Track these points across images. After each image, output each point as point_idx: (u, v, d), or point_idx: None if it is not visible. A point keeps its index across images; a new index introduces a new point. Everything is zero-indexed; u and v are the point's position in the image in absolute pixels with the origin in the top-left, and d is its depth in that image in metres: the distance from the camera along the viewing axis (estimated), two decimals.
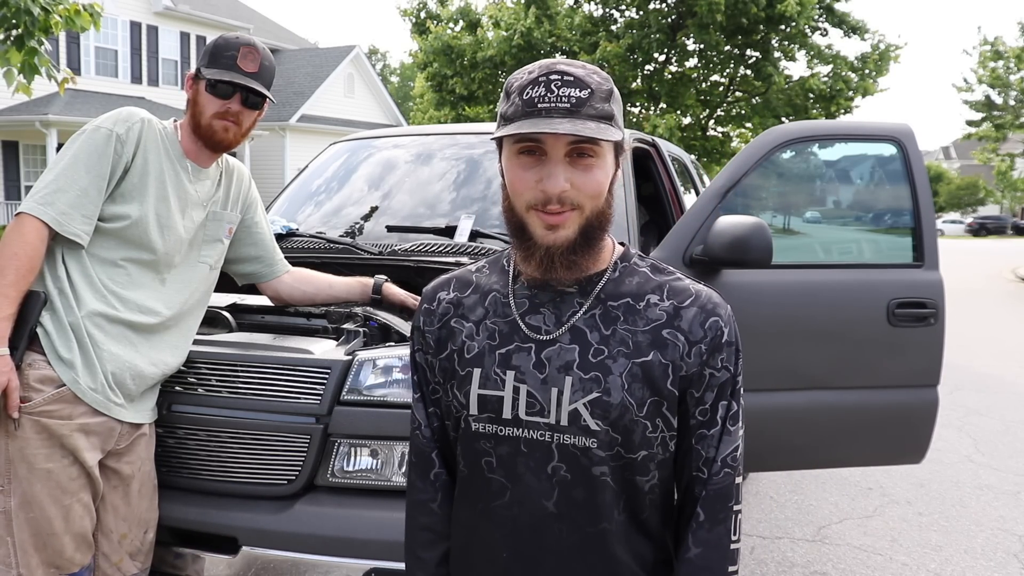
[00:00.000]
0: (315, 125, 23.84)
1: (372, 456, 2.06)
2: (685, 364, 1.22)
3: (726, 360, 1.24)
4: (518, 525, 1.25)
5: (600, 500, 1.23)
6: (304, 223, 3.29)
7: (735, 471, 1.25)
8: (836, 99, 17.26)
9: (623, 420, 1.20)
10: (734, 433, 1.26)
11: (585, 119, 1.14)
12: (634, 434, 1.21)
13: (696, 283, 1.28)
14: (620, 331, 1.23)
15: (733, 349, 1.25)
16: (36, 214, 1.91)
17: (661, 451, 1.25)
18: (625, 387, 1.21)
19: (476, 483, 1.28)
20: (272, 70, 2.16)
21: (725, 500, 1.24)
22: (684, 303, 1.24)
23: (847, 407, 3.01)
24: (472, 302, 1.32)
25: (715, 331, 1.23)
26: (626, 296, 1.26)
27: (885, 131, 3.13)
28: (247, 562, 2.02)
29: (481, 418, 1.25)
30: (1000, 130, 25.14)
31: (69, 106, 17.94)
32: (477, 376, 1.26)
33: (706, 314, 1.24)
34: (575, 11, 18.05)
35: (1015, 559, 3.76)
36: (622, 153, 1.25)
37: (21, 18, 5.34)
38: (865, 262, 3.29)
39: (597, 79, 1.18)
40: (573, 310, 1.25)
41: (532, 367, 1.23)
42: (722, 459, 1.24)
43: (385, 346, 2.19)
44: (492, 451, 1.25)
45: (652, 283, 1.27)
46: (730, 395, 1.25)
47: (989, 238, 47.06)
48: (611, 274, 1.28)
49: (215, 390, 2.14)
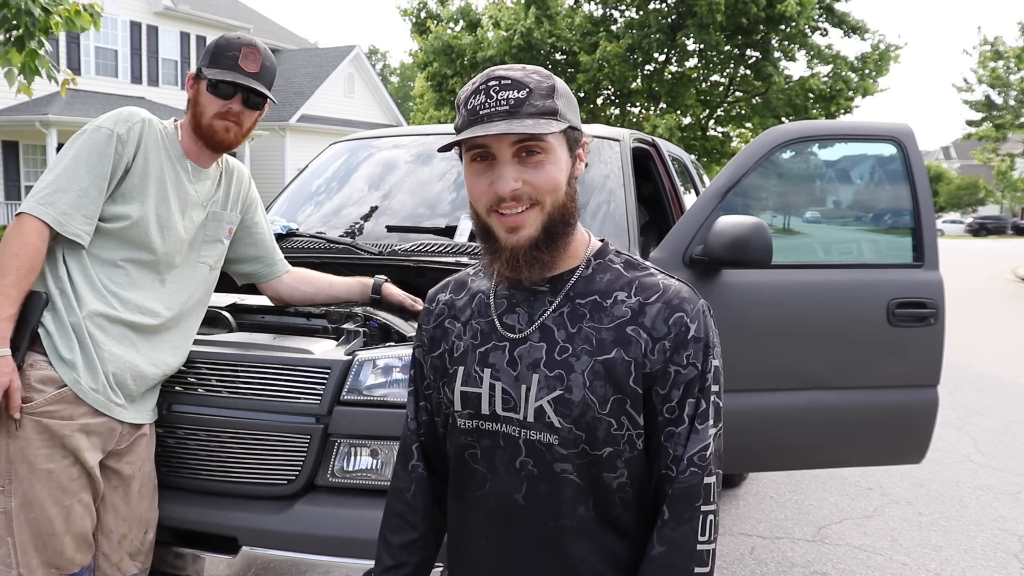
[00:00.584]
0: (315, 125, 23.84)
1: (372, 456, 2.06)
2: (648, 361, 1.22)
3: (692, 357, 1.22)
4: (493, 515, 1.30)
5: (561, 496, 1.25)
6: (304, 223, 3.29)
7: (703, 470, 1.22)
8: (836, 99, 17.25)
9: (585, 418, 1.22)
10: (702, 432, 1.23)
11: (524, 118, 1.19)
12: (597, 431, 1.23)
13: (668, 278, 1.27)
14: (585, 329, 1.25)
15: (701, 345, 1.23)
16: (37, 214, 1.91)
17: (628, 449, 1.24)
18: (587, 384, 1.22)
19: (463, 474, 1.34)
20: (273, 70, 2.16)
21: (691, 499, 1.21)
22: (649, 299, 1.24)
23: (847, 407, 3.01)
24: (463, 303, 1.38)
25: (679, 327, 1.22)
26: (594, 294, 1.27)
27: (885, 131, 3.13)
28: (247, 562, 2.02)
29: (463, 414, 1.32)
30: (1000, 130, 25.14)
31: (69, 106, 17.94)
32: (460, 374, 1.32)
33: (671, 310, 1.23)
34: (575, 11, 18.05)
35: (1015, 559, 3.76)
36: (580, 145, 1.28)
37: (22, 19, 5.34)
38: (865, 262, 3.30)
39: (536, 78, 1.22)
40: (544, 308, 1.28)
41: (506, 365, 1.28)
42: (688, 457, 1.22)
43: (385, 346, 2.20)
44: (476, 444, 1.31)
45: (622, 280, 1.28)
46: (698, 392, 1.23)
47: (989, 238, 47.06)
48: (583, 271, 1.29)
49: (215, 390, 2.14)
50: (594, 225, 2.90)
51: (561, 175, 1.23)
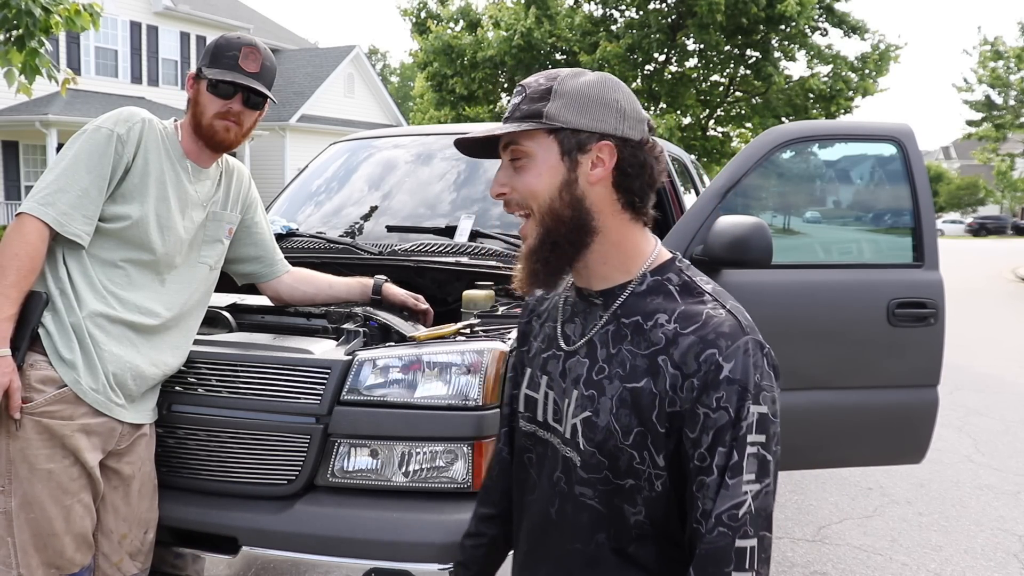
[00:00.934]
0: (315, 125, 23.83)
1: (372, 456, 2.06)
2: (678, 398, 1.10)
3: (724, 400, 1.07)
4: (532, 525, 1.29)
5: (578, 520, 1.20)
6: (304, 223, 3.29)
7: (735, 531, 1.06)
8: (836, 99, 17.27)
9: (607, 444, 1.15)
10: (734, 488, 1.06)
11: (511, 122, 1.18)
12: (619, 461, 1.15)
13: (718, 308, 1.14)
14: (623, 351, 1.16)
15: (735, 388, 1.07)
16: (37, 214, 1.91)
17: (647, 487, 1.14)
18: (613, 411, 1.15)
19: (521, 476, 1.34)
20: (273, 70, 2.16)
21: (719, 564, 1.06)
22: (686, 329, 1.11)
23: (847, 407, 3.01)
24: (545, 305, 1.36)
25: (709, 365, 1.08)
26: (639, 314, 1.17)
27: (885, 131, 3.13)
28: (247, 562, 2.02)
29: (524, 416, 1.31)
30: (1000, 130, 25.13)
31: (69, 106, 17.94)
32: (528, 376, 1.32)
33: (703, 345, 1.09)
34: (575, 11, 18.06)
35: (1015, 559, 3.76)
36: (584, 150, 1.15)
37: (22, 19, 5.34)
38: (865, 262, 3.30)
39: (538, 81, 1.19)
40: (595, 323, 1.21)
41: (558, 375, 1.25)
42: (717, 515, 1.07)
43: (385, 346, 2.20)
44: (532, 449, 1.30)
45: (671, 303, 1.16)
46: (731, 442, 1.07)
47: (989, 238, 47.05)
48: (635, 287, 1.19)
49: (215, 390, 2.14)
50: None
51: (540, 181, 1.16)
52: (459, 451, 2.00)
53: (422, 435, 2.01)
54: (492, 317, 2.37)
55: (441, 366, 2.04)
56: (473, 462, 1.99)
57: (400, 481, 2.04)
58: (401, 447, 2.03)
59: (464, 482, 2.00)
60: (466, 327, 2.22)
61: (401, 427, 2.02)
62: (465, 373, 2.02)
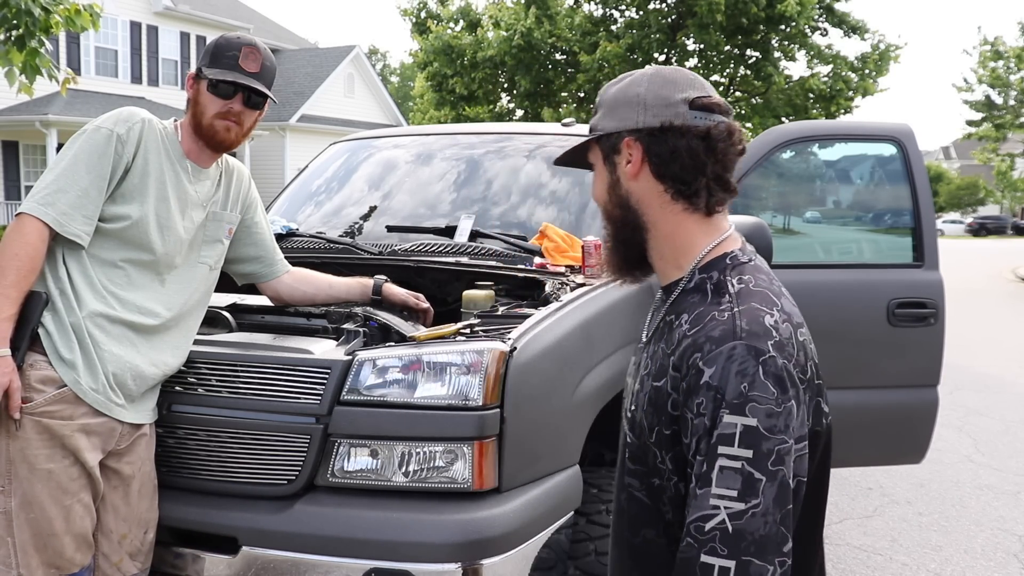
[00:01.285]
0: (315, 125, 23.84)
1: (372, 456, 2.06)
2: (677, 401, 1.10)
3: (703, 407, 1.04)
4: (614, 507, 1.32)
5: (631, 510, 1.23)
6: (304, 223, 3.29)
7: (700, 545, 1.00)
8: (836, 99, 17.27)
9: (641, 439, 1.19)
10: (701, 499, 1.01)
11: None
12: (648, 457, 1.17)
13: (724, 312, 1.09)
14: (659, 350, 1.18)
15: (712, 395, 1.03)
16: (37, 214, 1.91)
17: (671, 488, 1.13)
18: (644, 407, 1.18)
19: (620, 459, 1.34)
20: (273, 70, 2.16)
21: None
22: (692, 331, 1.10)
23: (847, 407, 3.00)
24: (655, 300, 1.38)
25: (692, 368, 1.07)
26: (674, 313, 1.17)
27: (885, 131, 3.13)
28: (247, 562, 2.02)
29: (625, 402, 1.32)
30: (1000, 130, 25.14)
31: (69, 106, 17.94)
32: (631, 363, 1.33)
33: (693, 348, 1.08)
34: (575, 11, 18.05)
35: (1015, 559, 3.76)
36: (616, 151, 1.21)
37: (22, 19, 5.34)
38: (865, 262, 3.30)
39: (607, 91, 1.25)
40: (657, 318, 1.26)
41: (635, 367, 1.29)
42: (687, 525, 1.02)
43: (385, 346, 2.19)
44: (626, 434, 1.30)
45: (701, 302, 1.14)
46: (705, 451, 1.02)
47: (989, 238, 47.04)
48: (686, 284, 1.19)
49: (215, 390, 2.14)
50: (595, 226, 2.90)
51: (597, 188, 1.26)
52: (459, 451, 1.99)
53: (422, 435, 2.01)
54: (492, 317, 2.37)
55: (441, 366, 2.04)
56: (473, 462, 1.99)
57: (400, 481, 2.03)
58: (401, 447, 2.03)
59: (464, 482, 1.99)
60: (466, 327, 2.21)
61: (401, 427, 2.02)
62: (465, 373, 2.01)
